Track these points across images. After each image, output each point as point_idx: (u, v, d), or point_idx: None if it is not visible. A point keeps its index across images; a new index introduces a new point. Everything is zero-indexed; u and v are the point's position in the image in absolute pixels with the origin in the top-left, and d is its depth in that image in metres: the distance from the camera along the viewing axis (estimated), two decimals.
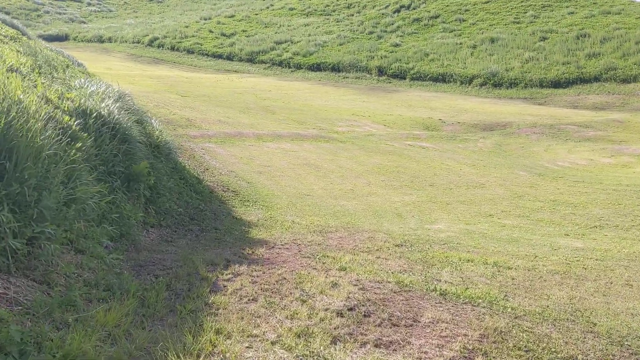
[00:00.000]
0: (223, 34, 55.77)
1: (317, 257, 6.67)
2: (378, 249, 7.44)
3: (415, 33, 52.38)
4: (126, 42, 58.20)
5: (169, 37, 55.68)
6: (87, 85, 7.69)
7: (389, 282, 5.65)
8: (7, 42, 13.45)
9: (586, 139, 23.70)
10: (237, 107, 26.49)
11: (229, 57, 49.90)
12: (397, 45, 48.93)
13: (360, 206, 11.51)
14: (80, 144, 5.64)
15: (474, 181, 15.17)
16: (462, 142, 23.19)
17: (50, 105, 6.04)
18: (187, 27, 59.24)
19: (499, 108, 32.31)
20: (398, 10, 58.90)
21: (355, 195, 12.62)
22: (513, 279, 6.43)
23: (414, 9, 58.90)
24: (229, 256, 6.36)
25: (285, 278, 5.56)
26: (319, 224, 9.28)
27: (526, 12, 51.98)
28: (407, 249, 7.55)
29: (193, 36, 55.43)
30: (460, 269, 6.60)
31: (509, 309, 5.22)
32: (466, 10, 55.39)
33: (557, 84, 37.06)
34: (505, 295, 5.64)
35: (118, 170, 6.58)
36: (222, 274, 5.56)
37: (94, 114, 6.53)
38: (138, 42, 56.84)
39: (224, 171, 13.29)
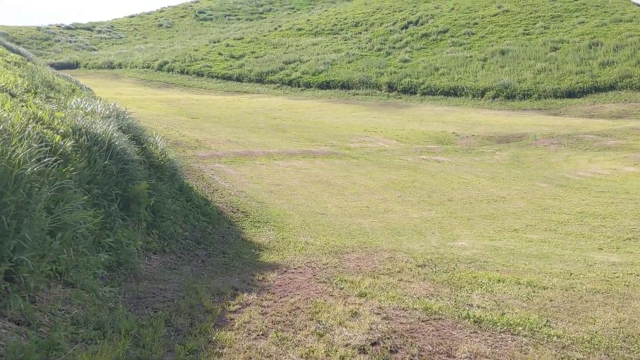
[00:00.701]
0: (232, 56, 55.79)
1: (334, 281, 6.09)
2: (399, 271, 6.84)
3: (424, 48, 52.02)
4: (136, 67, 58.41)
5: (179, 60, 55.79)
6: (83, 105, 7.24)
7: (416, 309, 5.06)
8: (10, 68, 13.14)
9: (606, 148, 22.98)
10: (247, 127, 26.09)
11: (239, 79, 49.78)
12: (406, 60, 48.58)
13: (377, 224, 10.92)
14: (70, 166, 5.15)
15: (494, 194, 14.54)
16: (478, 155, 22.56)
17: (41, 124, 5.57)
18: (196, 50, 59.41)
19: (513, 120, 31.68)
20: (406, 27, 58.66)
21: (371, 212, 12.04)
22: (551, 300, 5.80)
23: (421, 24, 58.64)
24: (237, 284, 5.80)
25: (299, 307, 4.98)
26: (334, 245, 8.71)
27: (536, 24, 51.49)
28: (431, 270, 6.95)
29: (202, 59, 55.49)
30: (492, 291, 5.98)
31: (554, 338, 4.60)
32: (475, 24, 55.00)
33: (571, 94, 36.38)
34: (547, 321, 5.02)
35: (115, 192, 6.07)
36: (229, 305, 5.00)
37: (87, 133, 6.05)
38: (148, 67, 57.00)
39: (233, 191, 12.78)
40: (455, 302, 5.43)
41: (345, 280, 6.11)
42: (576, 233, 10.34)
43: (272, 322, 4.60)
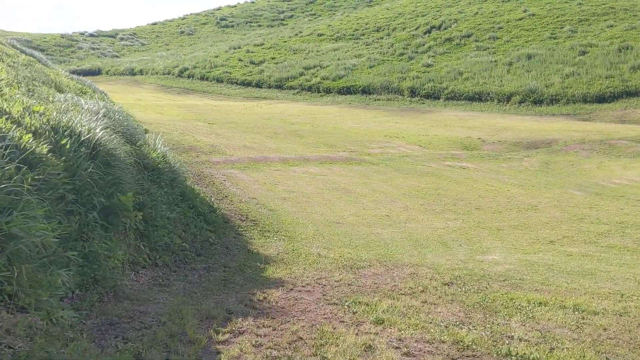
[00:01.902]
0: (252, 62, 55.31)
1: (346, 303, 5.23)
2: (423, 290, 5.95)
3: (447, 53, 50.92)
4: (157, 73, 58.28)
5: (199, 67, 55.48)
6: (71, 101, 6.50)
7: (444, 341, 4.17)
8: (17, 67, 12.54)
9: None
10: (264, 133, 25.37)
11: (258, 85, 49.22)
12: (429, 65, 47.54)
13: (398, 234, 10.02)
14: (39, 169, 4.37)
15: (525, 203, 13.52)
16: (506, 162, 21.49)
17: (6, 120, 4.81)
18: (216, 57, 59.09)
19: (541, 125, 30.48)
20: (429, 31, 57.61)
21: (392, 221, 11.14)
22: (605, 329, 4.86)
23: (445, 29, 57.54)
24: (232, 305, 4.97)
25: (301, 338, 4.13)
26: (349, 258, 7.84)
27: (563, 27, 50.07)
28: (459, 289, 6.04)
29: (222, 65, 55.09)
30: (534, 317, 5.06)
31: None
32: (499, 28, 53.74)
33: (601, 99, 35.00)
34: None
35: (98, 199, 5.29)
36: (218, 334, 4.17)
37: (68, 131, 5.29)
38: (168, 74, 56.81)
39: (244, 198, 11.98)
40: (491, 332, 4.52)
41: (359, 302, 5.24)
42: (619, 246, 9.32)
43: (267, 357, 3.75)
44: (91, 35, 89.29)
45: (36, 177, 4.32)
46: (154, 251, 6.21)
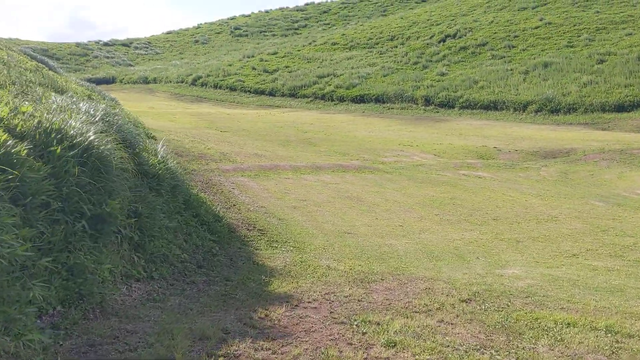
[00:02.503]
0: (265, 71, 55.16)
1: (355, 322, 4.78)
2: (439, 308, 5.48)
3: (462, 61, 50.42)
4: (170, 82, 58.35)
5: (212, 75, 55.44)
6: (66, 103, 6.14)
7: None
8: (19, 70, 12.29)
9: None
10: (276, 141, 25.02)
11: (271, 93, 49.01)
12: (443, 74, 47.05)
13: (412, 246, 9.55)
14: (19, 173, 3.99)
15: (545, 213, 12.98)
16: (523, 171, 20.92)
17: None
18: (230, 65, 59.05)
19: (559, 134, 29.84)
20: (443, 40, 57.13)
21: (406, 232, 10.66)
22: None
23: (460, 37, 57.03)
24: (230, 323, 4.54)
25: None
26: (360, 270, 7.39)
27: (580, 36, 49.35)
28: (478, 307, 5.56)
29: (235, 74, 55.01)
30: (563, 340, 4.57)
31: None
32: (515, 37, 53.13)
33: (620, 108, 34.28)
34: None
35: (87, 207, 4.90)
36: (211, 357, 3.74)
37: (56, 134, 4.92)
38: (182, 82, 56.84)
39: (252, 207, 11.58)
40: (516, 358, 4.05)
41: (369, 322, 4.79)
42: None
43: None
44: (106, 44, 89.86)
45: (9, 181, 3.93)
46: (150, 263, 5.81)
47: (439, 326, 4.83)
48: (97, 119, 6.07)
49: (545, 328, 4.87)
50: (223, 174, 15.62)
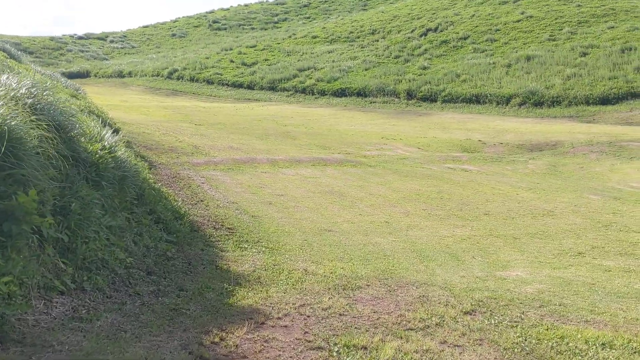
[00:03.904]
0: (244, 64, 53.83)
1: (336, 348, 3.73)
2: (439, 323, 4.46)
3: (444, 55, 49.62)
4: (145, 75, 56.72)
5: (189, 68, 53.96)
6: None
7: None
8: None
9: None
10: (253, 134, 23.88)
11: (250, 86, 47.74)
12: (425, 68, 46.20)
13: (400, 244, 8.54)
14: None
15: (539, 208, 12.06)
16: (510, 164, 20.06)
17: None
18: (207, 58, 57.59)
19: (544, 127, 29.10)
20: (425, 34, 56.28)
21: (392, 229, 9.65)
22: None
23: (441, 31, 56.25)
24: (171, 354, 3.47)
25: None
26: (342, 275, 6.35)
27: (562, 29, 48.82)
28: (486, 321, 4.56)
29: (213, 67, 53.60)
30: None
31: None
32: (497, 30, 52.48)
33: (605, 100, 33.69)
34: None
35: None
36: None
37: None
38: (157, 75, 55.25)
39: (223, 203, 10.47)
40: None
41: (353, 346, 3.74)
42: None
43: None
44: (81, 38, 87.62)
45: None
46: (82, 271, 4.70)
47: (443, 350, 3.80)
48: (22, 92, 4.93)
49: (576, 351, 3.87)
50: (193, 168, 14.48)
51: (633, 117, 30.74)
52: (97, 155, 5.66)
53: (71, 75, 58.66)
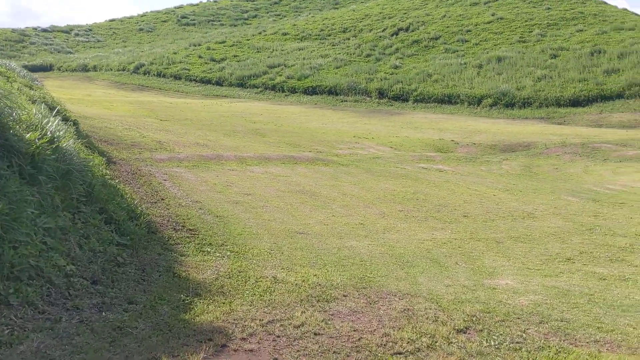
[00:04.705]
0: (213, 59, 52.74)
1: None
2: (431, 345, 3.83)
3: (415, 55, 49.40)
4: (111, 70, 55.15)
5: (156, 63, 52.61)
6: None
7: None
8: None
9: (628, 159, 20.20)
10: (221, 131, 23.04)
11: (219, 82, 46.72)
12: (397, 67, 45.87)
13: (377, 248, 7.91)
14: None
15: (519, 210, 11.59)
16: (484, 164, 19.68)
17: None
18: (175, 53, 56.27)
19: (516, 128, 28.93)
20: (396, 33, 56.01)
21: (368, 231, 9.02)
22: None
23: (412, 31, 56.09)
24: None
25: None
26: (316, 283, 5.69)
27: (532, 31, 49.08)
28: (484, 341, 3.94)
29: (181, 62, 52.38)
30: None
31: None
32: (468, 31, 52.52)
33: (575, 102, 33.79)
34: None
35: None
36: None
37: None
38: (123, 70, 53.75)
39: (185, 201, 9.70)
40: None
41: None
42: None
43: None
44: (44, 30, 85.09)
45: None
46: (9, 281, 3.92)
47: None
48: None
49: None
50: (156, 164, 13.63)
51: (603, 120, 30.83)
52: (35, 146, 4.88)
53: (34, 69, 56.75)
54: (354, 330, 4.15)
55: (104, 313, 4.22)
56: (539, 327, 4.44)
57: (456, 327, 4.27)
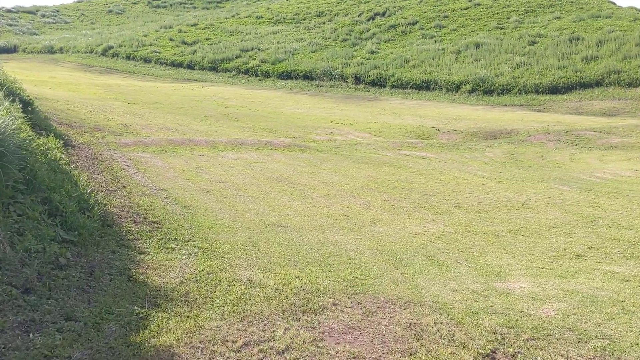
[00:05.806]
0: (184, 42, 51.13)
1: None
2: None
3: (392, 40, 48.55)
4: (78, 52, 53.15)
5: (125, 45, 50.80)
6: None
7: None
8: None
9: (613, 147, 19.66)
10: (192, 115, 21.89)
11: (190, 66, 45.24)
12: (373, 52, 44.96)
13: (365, 243, 7.03)
14: None
15: (512, 199, 10.83)
16: (468, 152, 18.94)
17: None
18: (145, 36, 54.47)
19: (496, 115, 28.30)
20: (372, 18, 55.12)
21: (353, 224, 8.13)
22: None
23: (389, 16, 55.26)
24: None
25: None
26: (299, 288, 4.79)
27: (509, 18, 48.62)
28: None
29: (151, 45, 50.67)
30: None
31: None
32: (445, 17, 51.86)
33: (555, 90, 33.30)
34: None
35: None
36: None
37: None
38: (91, 52, 51.83)
39: (149, 190, 8.68)
40: None
41: None
42: None
43: None
44: (9, 11, 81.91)
45: None
46: None
47: None
48: None
49: None
50: (119, 148, 12.54)
51: (583, 107, 30.40)
52: None
53: None
54: (354, 358, 3.26)
55: (30, 335, 3.25)
56: (578, 347, 3.61)
57: (481, 351, 3.42)
